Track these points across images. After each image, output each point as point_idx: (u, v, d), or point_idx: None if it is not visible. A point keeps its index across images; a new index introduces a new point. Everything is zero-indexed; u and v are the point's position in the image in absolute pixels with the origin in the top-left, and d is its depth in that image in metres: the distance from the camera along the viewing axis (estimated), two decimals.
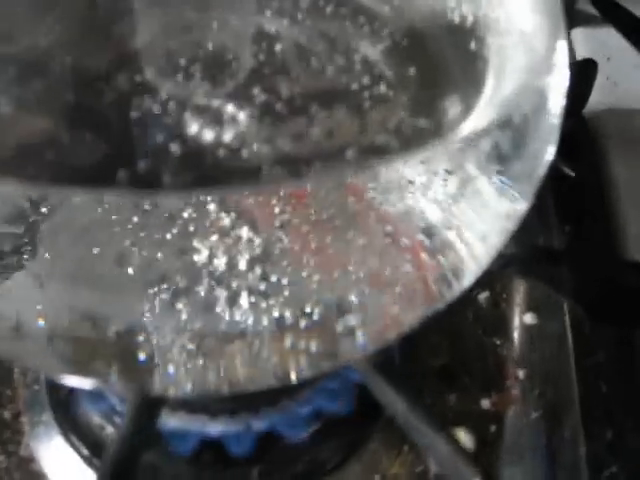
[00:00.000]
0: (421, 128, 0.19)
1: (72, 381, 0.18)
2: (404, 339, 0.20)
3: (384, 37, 0.22)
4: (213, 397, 0.24)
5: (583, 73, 0.37)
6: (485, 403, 0.31)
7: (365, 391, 0.25)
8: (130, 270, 0.18)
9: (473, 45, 0.22)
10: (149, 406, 0.24)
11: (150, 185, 0.19)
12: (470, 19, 0.22)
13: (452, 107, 0.20)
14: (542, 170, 0.21)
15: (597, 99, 0.39)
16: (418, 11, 0.23)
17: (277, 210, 0.19)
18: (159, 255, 0.18)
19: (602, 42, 0.43)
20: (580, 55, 0.43)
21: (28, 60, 0.22)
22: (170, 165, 0.19)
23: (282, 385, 0.19)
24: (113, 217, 0.17)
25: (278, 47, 0.21)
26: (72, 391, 0.28)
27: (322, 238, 0.19)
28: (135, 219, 0.17)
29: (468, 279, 0.21)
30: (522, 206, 0.20)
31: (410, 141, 0.19)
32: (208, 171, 0.19)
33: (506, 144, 0.18)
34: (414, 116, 0.20)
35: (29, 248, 0.18)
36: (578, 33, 0.44)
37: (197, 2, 0.22)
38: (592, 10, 0.44)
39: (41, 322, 0.18)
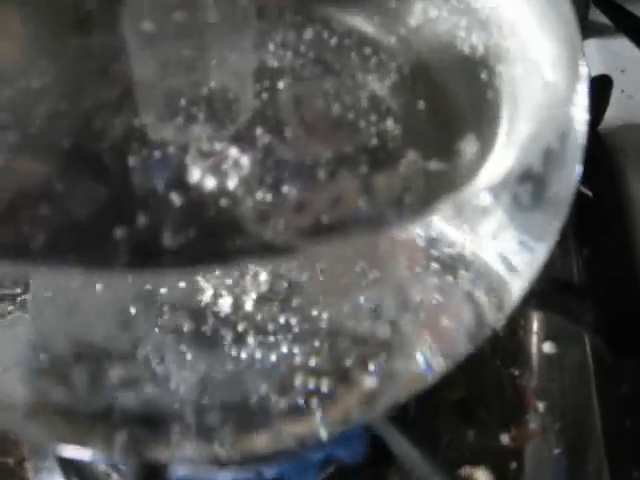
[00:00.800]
0: (438, 171, 0.18)
1: (68, 452, 0.17)
2: None
3: (392, 71, 0.21)
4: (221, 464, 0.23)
5: (598, 90, 0.36)
6: (504, 438, 0.30)
7: (379, 436, 0.24)
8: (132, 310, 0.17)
9: (485, 76, 0.21)
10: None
11: (149, 238, 0.18)
12: (480, 50, 0.21)
13: (468, 147, 0.19)
14: (569, 199, 0.19)
15: (612, 113, 0.38)
16: (426, 42, 0.22)
17: None
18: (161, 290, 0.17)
19: (615, 53, 0.42)
20: (593, 67, 0.42)
21: (22, 104, 0.21)
22: (169, 216, 0.18)
23: (296, 448, 0.18)
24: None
25: (281, 86, 0.20)
26: None
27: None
28: None
29: (496, 320, 0.20)
30: (549, 242, 0.19)
31: (429, 189, 0.18)
32: (210, 222, 0.18)
33: (527, 195, 0.16)
34: (429, 158, 0.19)
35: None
36: (591, 45, 0.43)
37: (194, 40, 0.21)
38: (604, 20, 0.43)
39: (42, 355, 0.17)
